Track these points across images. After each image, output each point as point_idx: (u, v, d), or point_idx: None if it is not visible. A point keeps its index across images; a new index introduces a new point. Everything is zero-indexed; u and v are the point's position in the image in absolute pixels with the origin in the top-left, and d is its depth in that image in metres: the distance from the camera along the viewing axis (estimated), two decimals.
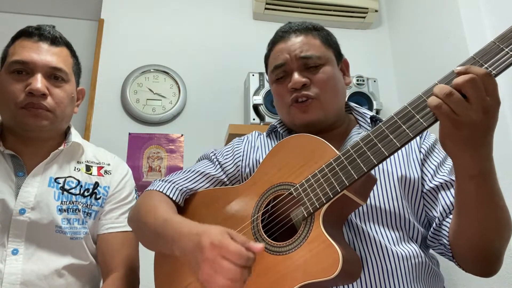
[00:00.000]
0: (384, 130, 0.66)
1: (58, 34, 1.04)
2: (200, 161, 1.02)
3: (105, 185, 1.07)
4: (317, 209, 0.70)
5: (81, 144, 1.08)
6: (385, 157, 0.65)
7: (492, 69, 0.60)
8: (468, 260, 0.76)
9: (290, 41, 0.94)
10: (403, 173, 0.84)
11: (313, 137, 0.78)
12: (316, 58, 0.91)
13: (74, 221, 0.98)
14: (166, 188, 0.92)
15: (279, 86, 0.95)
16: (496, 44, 0.61)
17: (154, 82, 1.88)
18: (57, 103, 0.99)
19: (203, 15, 2.03)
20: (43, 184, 0.98)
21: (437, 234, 0.80)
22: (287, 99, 0.92)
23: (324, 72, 0.91)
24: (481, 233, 0.70)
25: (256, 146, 0.98)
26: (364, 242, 0.76)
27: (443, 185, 0.82)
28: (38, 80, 0.95)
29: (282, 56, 0.93)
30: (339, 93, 0.94)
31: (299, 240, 0.70)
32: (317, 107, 0.89)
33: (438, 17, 1.72)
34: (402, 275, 0.74)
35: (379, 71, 2.05)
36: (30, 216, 0.93)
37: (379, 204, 0.80)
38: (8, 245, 0.90)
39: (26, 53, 0.97)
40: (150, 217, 0.85)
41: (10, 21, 2.02)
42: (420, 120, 0.63)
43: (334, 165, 0.70)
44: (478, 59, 0.62)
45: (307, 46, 0.92)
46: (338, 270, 0.61)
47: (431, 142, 0.90)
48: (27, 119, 0.96)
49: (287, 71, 0.93)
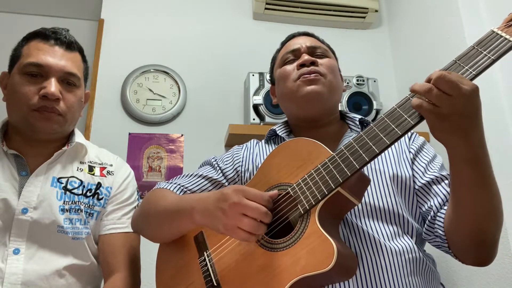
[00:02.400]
0: (375, 130, 0.71)
1: (73, 39, 1.05)
2: (202, 167, 1.06)
3: (107, 185, 1.07)
4: (312, 205, 0.72)
5: (84, 144, 1.09)
6: (375, 154, 0.69)
7: (472, 70, 0.66)
8: (464, 248, 0.78)
9: (301, 38, 1.05)
10: (395, 171, 0.88)
11: (309, 140, 0.82)
12: (324, 50, 1.02)
13: (76, 221, 0.99)
14: (171, 187, 0.97)
15: (287, 66, 1.00)
16: (475, 48, 0.67)
17: (154, 82, 1.88)
18: (68, 108, 1.00)
19: (203, 15, 2.03)
20: (46, 183, 0.98)
21: (432, 227, 0.83)
22: (294, 75, 0.97)
23: (330, 61, 1.00)
24: (476, 218, 0.73)
25: (255, 153, 1.02)
26: (359, 238, 0.78)
27: (434, 180, 0.86)
28: (53, 84, 0.96)
29: (295, 45, 1.02)
30: (338, 86, 1.01)
31: (296, 237, 0.72)
32: (323, 83, 0.95)
33: (438, 17, 1.72)
34: (397, 270, 0.76)
35: (379, 71, 2.05)
36: (33, 215, 0.93)
37: (373, 201, 0.83)
38: (9, 245, 0.90)
39: (42, 56, 0.98)
40: (160, 204, 0.91)
41: (10, 21, 2.02)
42: (408, 119, 0.67)
43: (329, 164, 0.74)
44: (459, 62, 0.68)
45: (315, 43, 1.03)
46: (333, 263, 0.63)
47: (420, 143, 0.95)
48: (39, 122, 0.97)
49: (297, 56, 1.00)
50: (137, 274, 1.05)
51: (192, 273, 0.83)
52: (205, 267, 0.81)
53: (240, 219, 0.71)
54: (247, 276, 0.74)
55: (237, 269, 0.76)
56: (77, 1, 2.04)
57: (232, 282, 0.76)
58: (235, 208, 0.71)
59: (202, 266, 0.82)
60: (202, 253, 0.84)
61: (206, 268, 0.80)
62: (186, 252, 0.88)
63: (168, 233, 0.91)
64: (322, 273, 0.64)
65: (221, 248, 0.81)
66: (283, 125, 1.07)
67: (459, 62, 0.69)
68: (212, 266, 0.80)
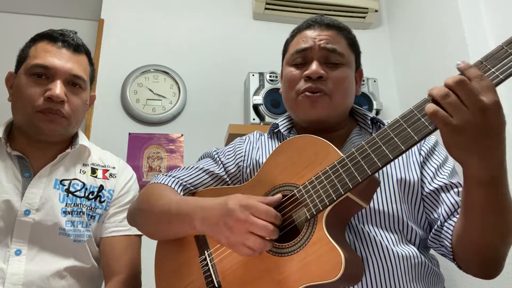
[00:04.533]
0: (389, 133, 0.65)
1: (80, 42, 1.05)
2: (203, 159, 1.02)
3: (109, 188, 1.07)
4: (320, 211, 0.69)
5: (88, 147, 1.08)
6: (389, 160, 0.64)
7: (499, 73, 0.59)
8: (471, 263, 0.75)
9: (317, 31, 0.93)
10: (403, 175, 0.83)
11: (317, 138, 0.77)
12: (338, 54, 0.90)
13: (78, 223, 0.98)
14: (169, 181, 0.93)
15: (294, 71, 0.92)
16: (504, 49, 0.59)
17: (154, 82, 1.88)
18: (73, 110, 1.00)
19: (203, 15, 2.03)
20: (48, 185, 0.98)
21: (439, 236, 0.80)
22: (299, 86, 0.90)
23: (342, 72, 0.90)
24: (486, 238, 0.69)
25: (257, 147, 0.97)
26: (364, 243, 0.76)
27: (443, 188, 0.82)
28: (58, 87, 0.96)
29: (307, 42, 0.91)
30: (349, 97, 0.93)
31: (302, 242, 0.69)
32: (326, 104, 0.88)
33: (438, 17, 1.72)
34: (401, 275, 0.74)
35: (379, 71, 2.05)
36: (35, 217, 0.93)
37: (377, 206, 0.80)
38: (11, 246, 0.91)
39: (49, 58, 0.98)
40: (159, 203, 0.87)
41: (10, 21, 2.02)
42: (426, 124, 0.62)
43: (338, 167, 0.69)
44: (485, 63, 0.60)
45: (333, 41, 0.91)
46: (341, 273, 0.61)
47: (431, 144, 0.89)
48: (43, 123, 0.96)
49: (307, 59, 0.91)
50: (138, 276, 1.05)
51: (192, 272, 0.82)
52: (206, 267, 0.79)
53: (246, 237, 0.68)
54: (249, 280, 0.72)
55: (239, 272, 0.74)
56: (77, 1, 2.04)
57: (233, 284, 0.74)
58: (241, 225, 0.68)
59: (202, 265, 0.80)
60: (202, 252, 0.82)
61: (207, 268, 0.79)
62: (186, 249, 0.86)
63: (166, 234, 0.89)
64: (329, 283, 0.62)
65: (223, 248, 0.79)
66: (287, 119, 1.02)
67: (485, 63, 0.60)
68: (214, 266, 0.78)
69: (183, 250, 0.86)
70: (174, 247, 0.89)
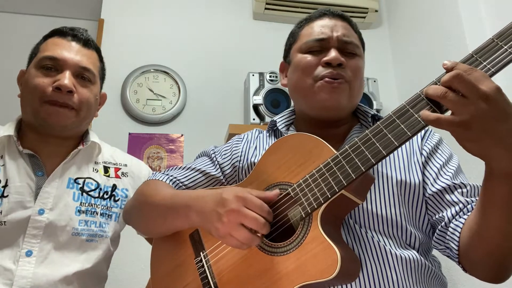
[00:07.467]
0: (382, 129, 0.65)
1: (90, 38, 1.06)
2: (200, 158, 1.01)
3: (122, 187, 1.07)
4: (315, 209, 0.69)
5: (99, 143, 1.08)
6: (383, 156, 0.63)
7: (490, 66, 0.58)
8: (481, 264, 0.71)
9: (333, 21, 0.92)
10: (403, 177, 0.81)
11: (311, 136, 0.77)
12: (355, 46, 0.90)
13: (92, 223, 0.98)
14: (166, 179, 0.94)
15: (309, 57, 0.89)
16: (495, 42, 0.59)
17: (154, 82, 1.88)
18: (82, 102, 0.99)
19: (203, 15, 2.03)
20: (62, 184, 0.98)
21: (444, 237, 0.77)
22: (318, 71, 0.87)
23: (359, 62, 0.90)
24: (504, 237, 0.65)
25: (254, 146, 0.96)
26: (363, 245, 0.75)
27: (446, 189, 0.79)
28: (66, 77, 0.96)
29: (325, 31, 0.90)
30: (361, 90, 0.92)
31: (297, 241, 0.69)
32: (346, 91, 0.86)
33: (438, 17, 1.72)
34: (401, 277, 0.73)
35: (379, 71, 2.05)
36: (49, 216, 0.92)
37: (375, 209, 0.78)
38: (23, 246, 0.89)
39: (58, 50, 0.98)
40: (155, 197, 0.87)
41: (10, 21, 2.02)
42: (419, 119, 0.61)
43: (332, 165, 0.69)
44: (477, 57, 0.60)
45: (348, 33, 0.91)
46: (337, 271, 0.61)
47: (434, 143, 0.87)
48: (49, 117, 0.96)
49: (324, 47, 0.89)
50: None
51: (187, 273, 0.81)
52: (201, 269, 0.78)
53: (235, 228, 0.67)
54: (245, 280, 0.72)
55: (235, 273, 0.74)
56: (77, 1, 2.04)
57: (230, 285, 0.74)
58: (232, 216, 0.68)
59: (198, 267, 0.79)
60: (198, 253, 0.81)
61: (203, 269, 0.78)
62: (181, 250, 0.85)
63: (161, 229, 0.88)
64: (325, 281, 0.62)
65: (218, 249, 0.78)
66: (287, 115, 1.00)
67: (476, 56, 0.60)
68: (209, 268, 0.78)
69: (178, 250, 0.85)
70: (169, 247, 0.88)
